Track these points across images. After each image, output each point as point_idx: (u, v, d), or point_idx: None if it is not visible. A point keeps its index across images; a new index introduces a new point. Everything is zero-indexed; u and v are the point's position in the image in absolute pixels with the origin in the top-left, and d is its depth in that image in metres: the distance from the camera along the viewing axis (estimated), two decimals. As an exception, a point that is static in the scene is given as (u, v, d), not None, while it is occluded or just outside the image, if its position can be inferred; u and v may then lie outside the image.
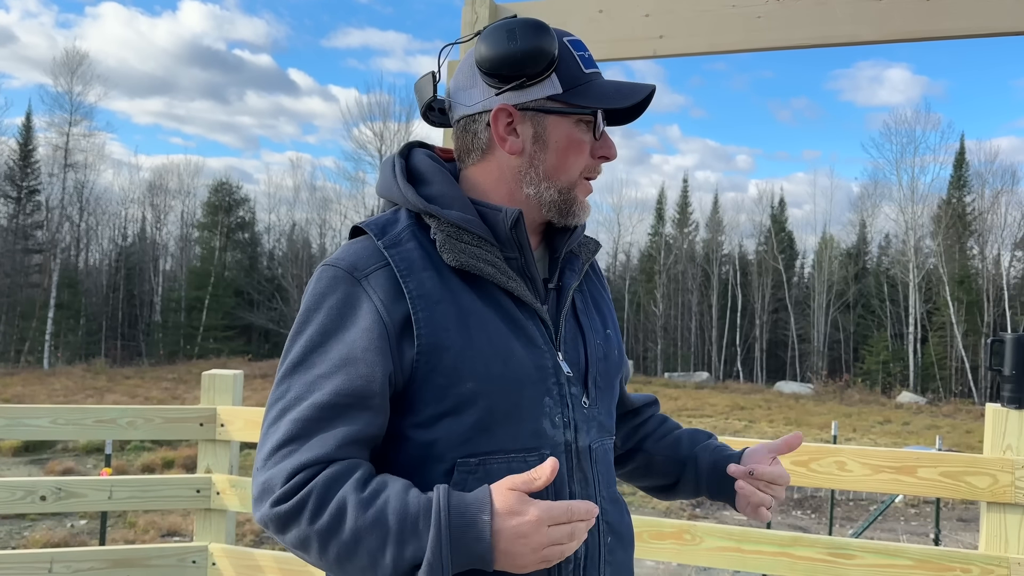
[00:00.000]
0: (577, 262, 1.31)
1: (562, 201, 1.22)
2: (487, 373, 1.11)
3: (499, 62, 1.16)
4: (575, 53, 1.21)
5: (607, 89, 1.21)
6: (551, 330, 1.21)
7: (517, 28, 1.16)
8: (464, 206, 1.19)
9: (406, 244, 1.16)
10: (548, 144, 1.20)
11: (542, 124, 1.20)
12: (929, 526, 10.54)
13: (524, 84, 1.17)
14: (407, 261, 1.14)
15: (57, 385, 24.32)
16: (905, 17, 2.40)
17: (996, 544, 2.31)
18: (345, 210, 46.69)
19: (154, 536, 9.12)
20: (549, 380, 1.17)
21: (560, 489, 1.15)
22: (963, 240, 41.55)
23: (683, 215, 50.23)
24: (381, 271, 1.12)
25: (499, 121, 1.20)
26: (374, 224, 1.18)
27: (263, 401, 21.24)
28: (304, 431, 1.07)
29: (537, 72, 1.16)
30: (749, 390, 33.66)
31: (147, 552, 3.07)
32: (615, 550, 1.24)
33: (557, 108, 1.19)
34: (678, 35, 2.59)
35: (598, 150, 1.24)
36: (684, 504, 12.14)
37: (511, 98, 1.19)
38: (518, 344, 1.15)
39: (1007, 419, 2.35)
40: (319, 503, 1.03)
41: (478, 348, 1.12)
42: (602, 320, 1.34)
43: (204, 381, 3.18)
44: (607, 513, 1.23)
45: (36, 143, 40.37)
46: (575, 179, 1.23)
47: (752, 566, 2.52)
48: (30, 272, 40.03)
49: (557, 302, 1.26)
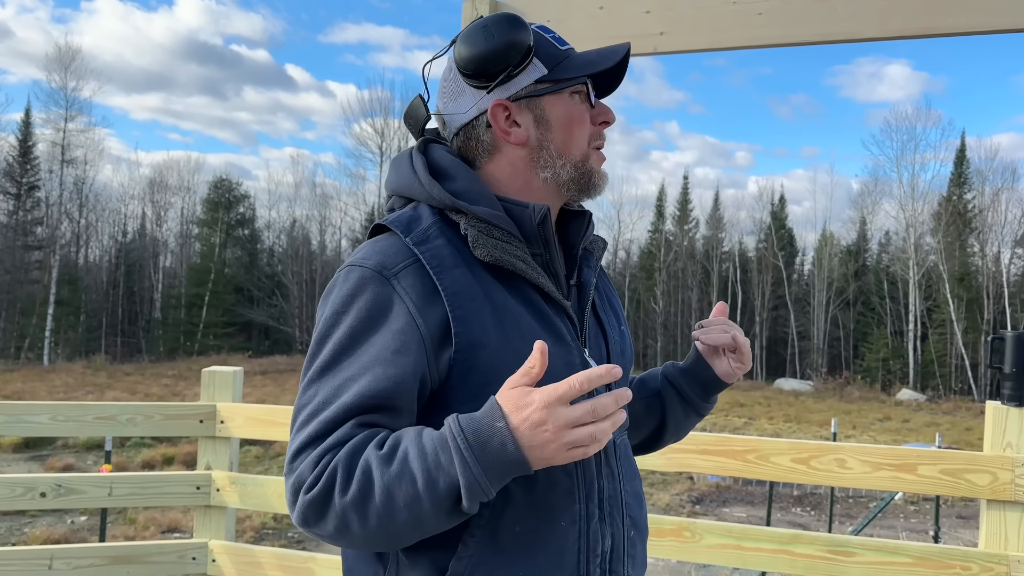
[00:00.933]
0: (592, 259, 1.32)
1: (580, 175, 1.24)
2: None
3: (482, 61, 1.18)
4: (546, 36, 1.24)
5: (589, 57, 1.24)
6: (576, 326, 1.22)
7: (491, 24, 1.18)
8: (491, 202, 1.18)
9: (435, 240, 1.13)
10: (551, 124, 1.22)
11: (539, 107, 1.21)
12: (928, 523, 10.55)
13: (511, 76, 1.19)
14: (438, 258, 1.11)
15: (57, 382, 24.36)
16: (906, 14, 2.40)
17: (996, 542, 2.31)
18: (345, 207, 46.75)
19: (154, 533, 9.13)
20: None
21: (590, 484, 1.16)
22: (963, 237, 41.54)
23: (683, 212, 50.23)
24: (412, 268, 1.10)
25: (498, 116, 1.20)
26: (398, 221, 1.16)
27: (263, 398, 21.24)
28: (330, 432, 1.05)
29: (520, 61, 1.18)
30: (749, 387, 33.63)
31: (147, 549, 3.08)
32: (636, 543, 1.26)
33: (548, 88, 1.21)
34: (679, 32, 2.58)
35: (597, 117, 1.26)
36: (684, 501, 12.16)
37: (502, 93, 1.20)
38: (549, 340, 1.15)
39: (1007, 417, 2.35)
40: (346, 475, 1.00)
41: (513, 345, 1.11)
42: (616, 317, 1.36)
43: (204, 378, 3.18)
44: (630, 507, 1.25)
45: (35, 139, 40.39)
46: (586, 150, 1.24)
47: (752, 563, 2.52)
48: (30, 268, 40.05)
49: (579, 298, 1.27)
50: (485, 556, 1.09)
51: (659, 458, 2.61)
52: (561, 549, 1.13)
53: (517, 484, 1.08)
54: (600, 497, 1.18)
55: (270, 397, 20.79)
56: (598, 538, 1.16)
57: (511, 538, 1.10)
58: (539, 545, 1.11)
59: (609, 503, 1.19)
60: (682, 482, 13.26)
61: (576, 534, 1.14)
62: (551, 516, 1.12)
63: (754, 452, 2.50)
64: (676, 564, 7.74)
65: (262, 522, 9.73)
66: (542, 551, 1.11)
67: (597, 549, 1.16)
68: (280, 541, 9.09)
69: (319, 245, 48.55)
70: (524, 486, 1.10)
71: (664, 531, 2.56)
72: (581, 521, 1.14)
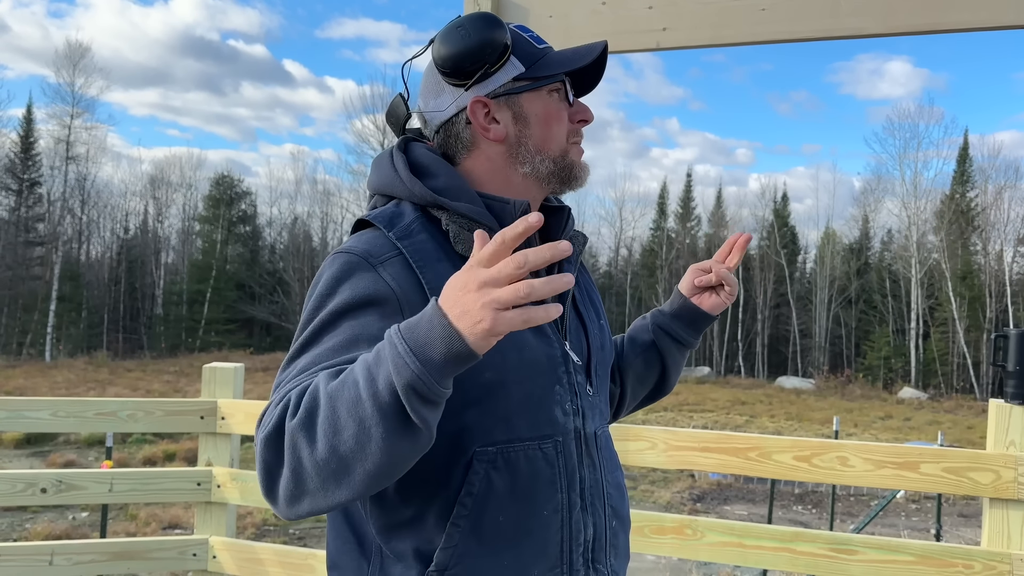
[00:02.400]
0: (572, 254, 1.32)
1: (559, 169, 1.25)
2: (504, 362, 1.12)
3: (460, 58, 1.20)
4: (524, 35, 1.26)
5: (566, 55, 1.26)
6: (558, 320, 1.23)
7: (467, 23, 1.21)
8: (472, 198, 1.20)
9: (418, 235, 1.15)
10: (529, 120, 1.23)
11: (518, 104, 1.23)
12: (930, 521, 10.54)
13: (488, 73, 1.21)
14: (421, 252, 1.13)
15: (59, 378, 24.40)
16: (910, 10, 2.38)
17: (999, 540, 2.30)
18: (347, 203, 46.72)
19: (155, 529, 9.15)
20: (559, 369, 1.20)
21: (572, 473, 1.17)
22: (966, 236, 41.50)
23: (686, 210, 50.20)
24: (396, 260, 1.11)
25: (477, 113, 1.22)
26: (380, 216, 1.18)
27: (265, 395, 21.23)
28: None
29: (497, 59, 1.20)
30: (750, 385, 33.68)
31: (148, 545, 3.08)
32: (618, 534, 1.27)
33: (527, 85, 1.23)
34: (681, 28, 2.58)
35: (575, 115, 1.27)
36: (685, 499, 12.16)
37: (480, 90, 1.22)
38: (530, 333, 1.17)
39: (1010, 415, 2.35)
40: (297, 400, 0.95)
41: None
42: (596, 311, 1.38)
43: (205, 374, 3.18)
44: (612, 498, 1.26)
45: (37, 135, 40.41)
46: (564, 145, 1.26)
47: (753, 561, 2.52)
48: (32, 265, 40.10)
49: (560, 293, 1.26)
50: (469, 546, 1.10)
51: (661, 455, 2.61)
52: (544, 538, 1.14)
53: (499, 474, 1.10)
54: (581, 487, 1.19)
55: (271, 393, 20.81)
56: (580, 527, 1.18)
57: (494, 528, 1.11)
58: (522, 534, 1.12)
59: (591, 493, 1.21)
60: (683, 479, 13.27)
61: (559, 523, 1.15)
62: (534, 505, 1.13)
63: (756, 450, 2.50)
64: (677, 562, 7.73)
65: (263, 518, 9.74)
66: (525, 540, 1.12)
67: (579, 538, 1.17)
68: (281, 538, 9.10)
69: (320, 242, 48.56)
70: (506, 475, 1.11)
71: (666, 529, 2.55)
72: (563, 510, 1.16)
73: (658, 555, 3.34)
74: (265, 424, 0.98)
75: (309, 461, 0.92)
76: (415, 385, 0.87)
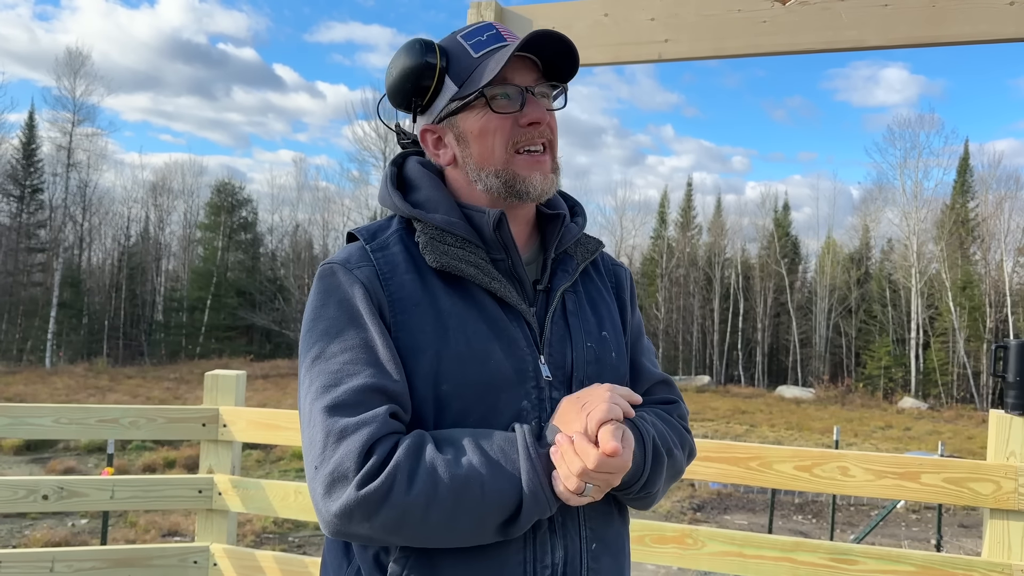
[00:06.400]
0: (571, 263, 1.32)
1: (503, 182, 1.24)
2: (463, 376, 1.14)
3: (396, 95, 1.27)
4: (466, 44, 1.25)
5: (489, 65, 1.21)
6: (536, 332, 1.22)
7: (394, 59, 1.26)
8: (449, 209, 1.23)
9: (392, 248, 1.22)
10: (467, 139, 1.25)
11: (457, 126, 1.26)
12: (931, 532, 10.51)
13: (428, 101, 1.26)
14: (390, 264, 1.19)
15: (59, 384, 24.35)
16: (910, 22, 2.40)
17: (999, 551, 2.30)
18: (348, 211, 46.75)
19: (155, 536, 9.12)
20: (528, 383, 1.18)
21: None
22: (966, 245, 41.49)
23: (686, 218, 50.19)
24: (366, 268, 1.19)
25: (427, 141, 1.29)
26: (365, 230, 1.26)
27: (265, 402, 21.14)
28: (345, 409, 1.09)
29: (429, 86, 1.24)
30: (750, 394, 33.60)
31: (148, 552, 3.07)
32: (600, 558, 1.23)
33: (457, 107, 1.24)
34: (683, 39, 2.59)
35: (522, 119, 1.23)
36: (685, 508, 12.13)
37: (427, 118, 1.28)
38: (498, 346, 1.17)
39: (1011, 425, 2.35)
40: (410, 474, 1.04)
41: (455, 350, 1.15)
42: (598, 321, 1.32)
43: (207, 381, 3.18)
44: (591, 520, 1.22)
45: (39, 142, 40.46)
46: (503, 156, 1.23)
47: (754, 571, 2.51)
48: (33, 271, 40.08)
49: (546, 303, 1.26)
50: (421, 560, 1.12)
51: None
52: (502, 559, 1.13)
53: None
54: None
55: (272, 401, 20.77)
56: (547, 549, 1.16)
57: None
58: (475, 553, 1.12)
59: (561, 514, 1.17)
60: (683, 489, 13.24)
61: (520, 543, 1.14)
62: None
63: (757, 459, 2.50)
64: (678, 571, 7.71)
65: (263, 526, 9.72)
66: (479, 559, 1.12)
67: (546, 560, 1.15)
68: (281, 545, 9.07)
69: (321, 249, 48.54)
70: None
71: (666, 538, 2.55)
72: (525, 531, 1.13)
73: (658, 564, 3.34)
74: (363, 478, 1.04)
75: (413, 528, 1.06)
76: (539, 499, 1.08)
